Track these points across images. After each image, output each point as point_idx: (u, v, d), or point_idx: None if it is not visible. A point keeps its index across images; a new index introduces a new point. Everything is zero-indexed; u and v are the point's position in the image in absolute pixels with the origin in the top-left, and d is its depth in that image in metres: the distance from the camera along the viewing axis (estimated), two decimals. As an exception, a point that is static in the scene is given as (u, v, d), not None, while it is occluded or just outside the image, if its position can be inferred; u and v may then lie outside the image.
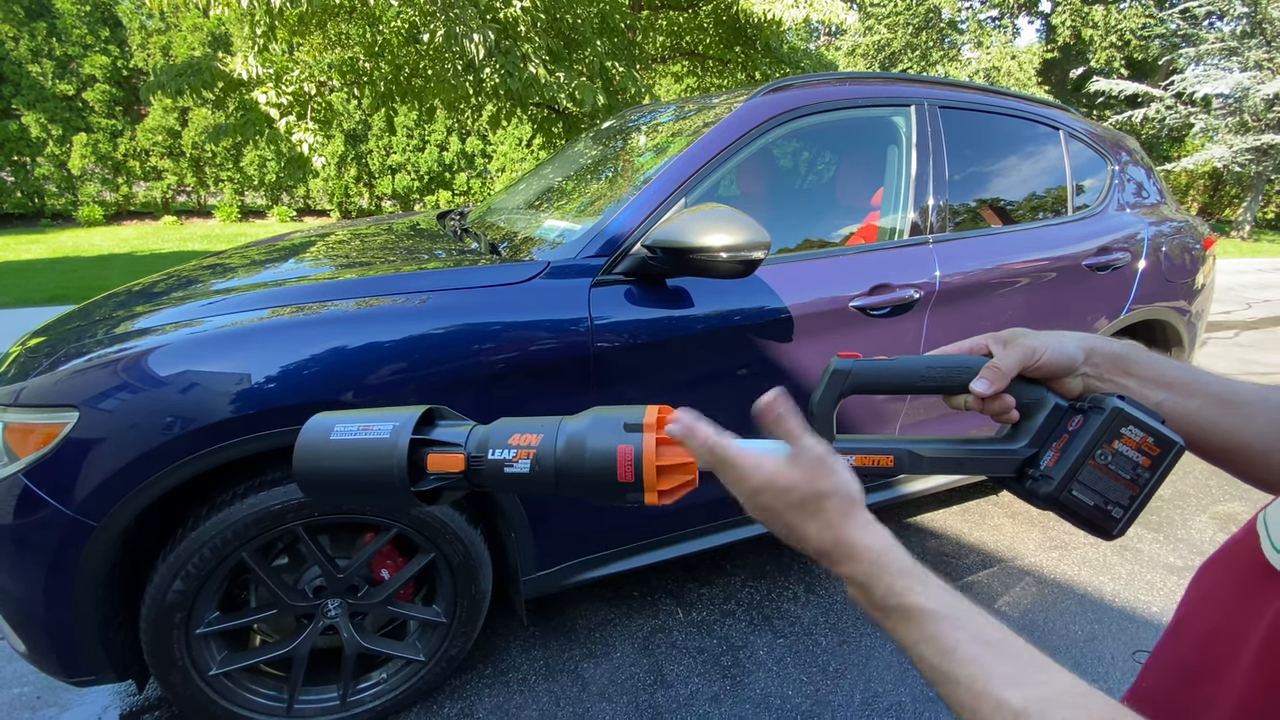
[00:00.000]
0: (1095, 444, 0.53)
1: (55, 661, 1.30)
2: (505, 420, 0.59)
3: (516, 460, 0.55)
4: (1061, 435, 0.56)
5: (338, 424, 0.58)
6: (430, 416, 0.60)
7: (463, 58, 4.42)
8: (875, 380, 0.59)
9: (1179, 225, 2.55)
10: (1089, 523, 0.54)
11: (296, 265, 1.87)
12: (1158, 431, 0.52)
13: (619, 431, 0.55)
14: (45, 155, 10.64)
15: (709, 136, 1.71)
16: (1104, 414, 0.53)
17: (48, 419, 1.19)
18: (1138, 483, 0.53)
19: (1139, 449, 0.52)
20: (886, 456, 0.59)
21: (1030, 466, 0.57)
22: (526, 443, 0.56)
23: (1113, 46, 17.45)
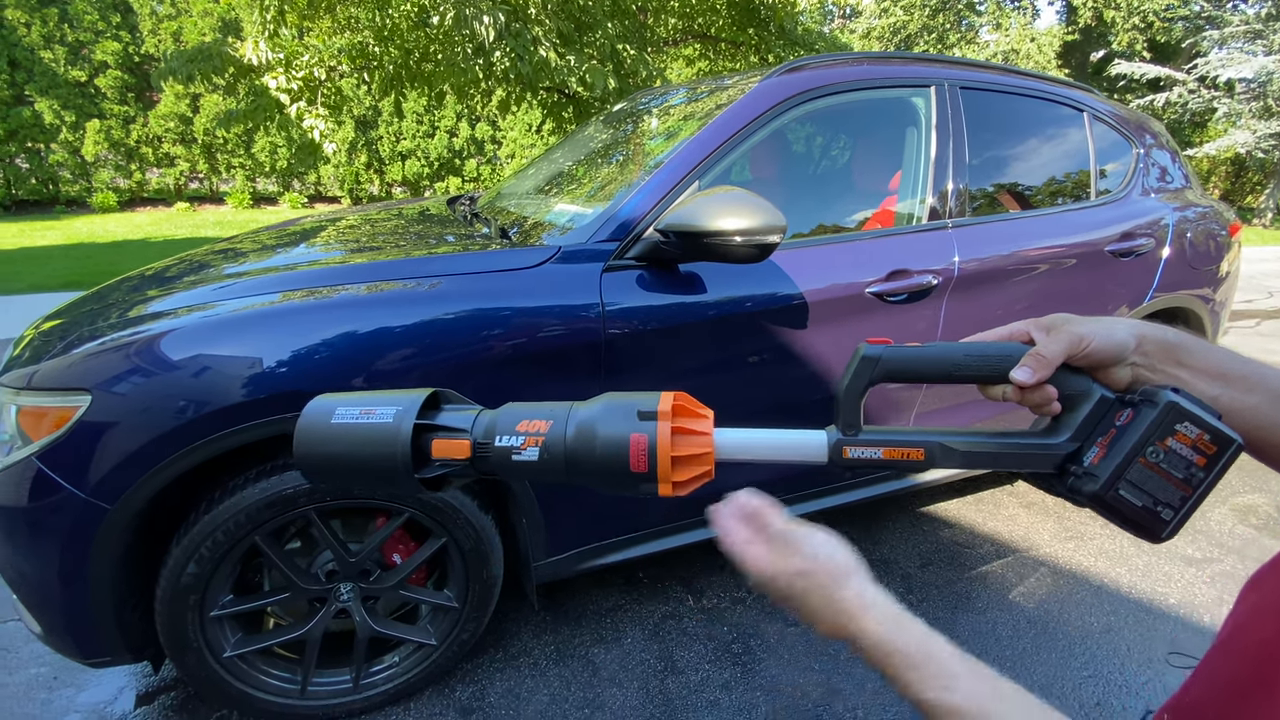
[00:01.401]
0: (1147, 441, 0.49)
1: (71, 643, 1.31)
2: (513, 405, 0.57)
3: (525, 448, 0.53)
4: (1109, 430, 0.52)
5: (339, 407, 0.55)
6: (435, 400, 0.58)
7: (472, 41, 4.37)
8: (906, 368, 0.56)
9: (1204, 211, 2.49)
10: (1135, 524, 0.51)
11: (308, 250, 1.86)
12: (1215, 429, 0.48)
13: (632, 419, 0.53)
14: (59, 142, 10.71)
15: (722, 119, 1.67)
16: (1157, 408, 0.49)
17: (61, 402, 1.19)
18: (1190, 483, 0.49)
19: (1194, 447, 0.48)
20: (917, 450, 0.56)
21: (1073, 463, 0.54)
22: (535, 429, 0.54)
23: (1135, 28, 17.03)
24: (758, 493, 0.53)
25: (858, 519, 2.29)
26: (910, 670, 0.41)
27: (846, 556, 0.47)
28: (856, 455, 0.56)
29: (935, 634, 0.43)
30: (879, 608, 0.44)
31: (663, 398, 0.55)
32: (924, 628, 0.43)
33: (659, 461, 0.52)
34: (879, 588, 0.45)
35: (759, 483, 0.58)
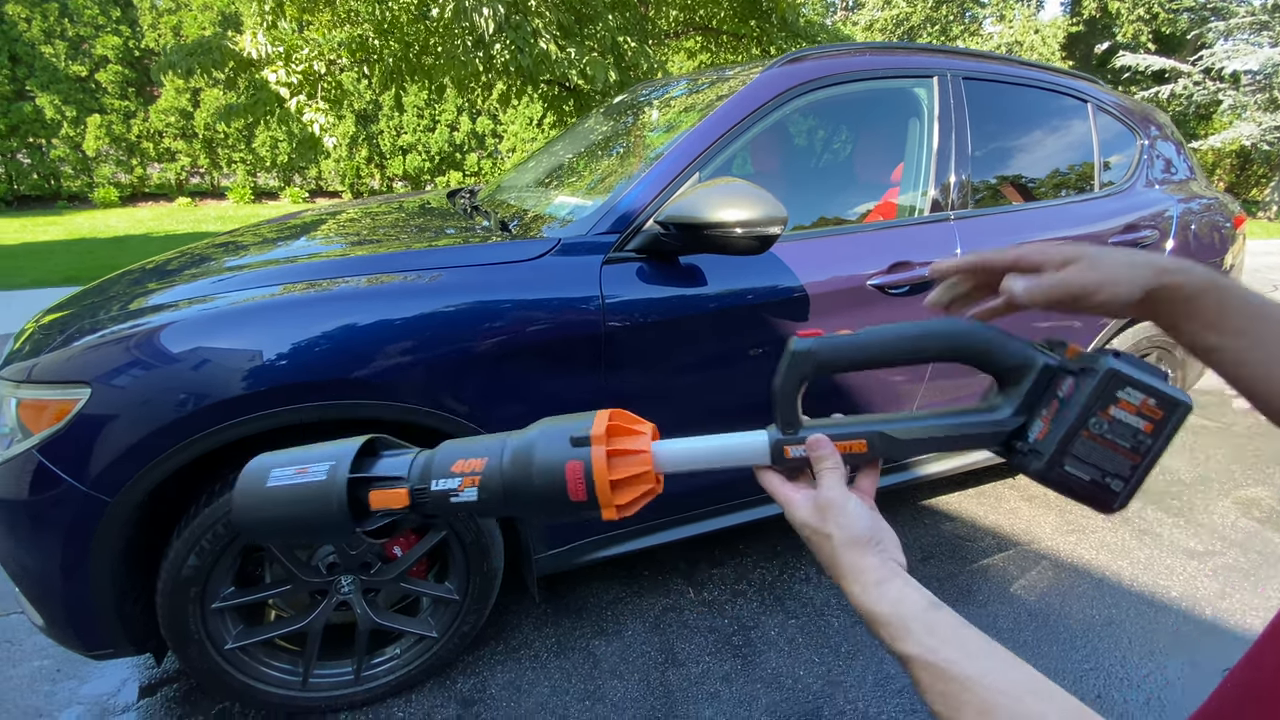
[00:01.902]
0: (1088, 413, 0.48)
1: (73, 635, 1.32)
2: (449, 444, 0.56)
3: (462, 489, 0.52)
4: (1051, 402, 0.51)
5: (274, 469, 0.54)
6: (371, 447, 0.57)
7: (472, 33, 4.35)
8: (841, 358, 0.55)
9: (1209, 203, 2.47)
10: (1084, 497, 0.50)
11: (308, 243, 1.86)
12: (1160, 393, 0.46)
13: (565, 446, 0.52)
14: (60, 137, 10.71)
15: (724, 109, 1.66)
16: (1097, 377, 0.47)
17: (60, 395, 1.19)
18: (1139, 451, 0.47)
19: (1139, 413, 0.47)
20: (859, 442, 0.55)
21: (1018, 439, 0.53)
22: (471, 469, 0.53)
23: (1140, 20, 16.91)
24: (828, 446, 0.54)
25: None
26: (881, 628, 0.45)
27: (864, 529, 0.50)
28: (798, 455, 0.55)
29: (912, 597, 0.46)
30: (865, 574, 0.48)
31: (597, 419, 0.53)
32: (899, 593, 0.46)
33: (598, 487, 0.51)
34: (879, 559, 0.49)
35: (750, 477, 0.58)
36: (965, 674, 0.40)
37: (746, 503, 1.82)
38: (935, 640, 0.42)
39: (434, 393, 1.35)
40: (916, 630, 0.43)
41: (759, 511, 1.84)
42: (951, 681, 0.40)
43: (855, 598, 0.48)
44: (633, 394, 1.54)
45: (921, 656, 0.42)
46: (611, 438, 0.53)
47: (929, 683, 0.41)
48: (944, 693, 0.40)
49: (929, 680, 0.41)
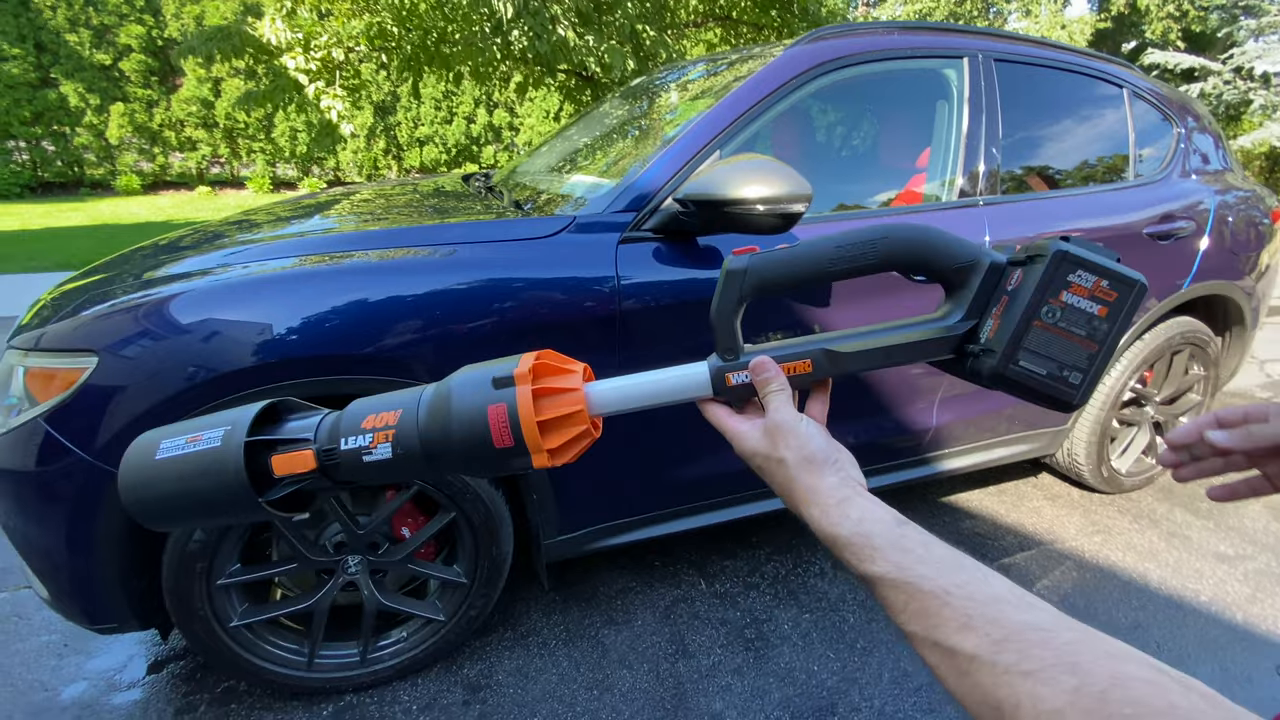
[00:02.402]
0: (1040, 300, 0.45)
1: (79, 609, 1.31)
2: (360, 401, 0.51)
3: (375, 445, 0.47)
4: (1001, 298, 0.48)
5: (163, 440, 0.48)
6: (273, 412, 0.51)
7: (490, 19, 4.32)
8: (779, 274, 0.51)
9: (1246, 196, 2.38)
10: (1044, 396, 0.47)
11: (322, 220, 1.83)
12: (1112, 271, 0.43)
13: (486, 390, 0.47)
14: (84, 125, 10.85)
15: (745, 88, 1.61)
16: (1045, 260, 0.44)
17: (68, 364, 1.17)
18: (1095, 338, 0.45)
19: (1092, 297, 0.44)
20: (803, 362, 0.52)
21: (970, 342, 0.49)
22: (384, 423, 0.48)
23: (1169, 17, 16.53)
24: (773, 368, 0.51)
25: (876, 507, 2.23)
26: (845, 551, 0.43)
27: (818, 449, 0.48)
28: (740, 380, 0.52)
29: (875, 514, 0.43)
30: (825, 498, 0.45)
31: (521, 360, 0.49)
32: (862, 512, 0.43)
33: (524, 431, 0.46)
34: (838, 478, 0.46)
35: None
36: (941, 588, 0.37)
37: (760, 494, 1.78)
38: (905, 557, 0.40)
39: (444, 370, 1.31)
40: (883, 548, 0.40)
41: (773, 503, 1.79)
42: (927, 598, 0.37)
43: (815, 521, 0.45)
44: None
45: (890, 575, 0.39)
46: (538, 377, 0.49)
47: (902, 602, 0.38)
48: (920, 610, 0.37)
49: (902, 600, 0.38)
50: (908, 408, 1.88)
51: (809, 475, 0.47)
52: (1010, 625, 0.34)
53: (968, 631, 0.35)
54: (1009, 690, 0.32)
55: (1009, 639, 0.33)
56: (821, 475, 0.46)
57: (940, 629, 0.36)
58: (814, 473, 0.47)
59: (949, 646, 0.35)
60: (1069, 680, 0.30)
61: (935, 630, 0.36)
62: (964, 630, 0.35)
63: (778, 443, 0.49)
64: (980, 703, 0.33)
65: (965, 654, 0.34)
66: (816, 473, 0.47)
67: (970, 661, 0.34)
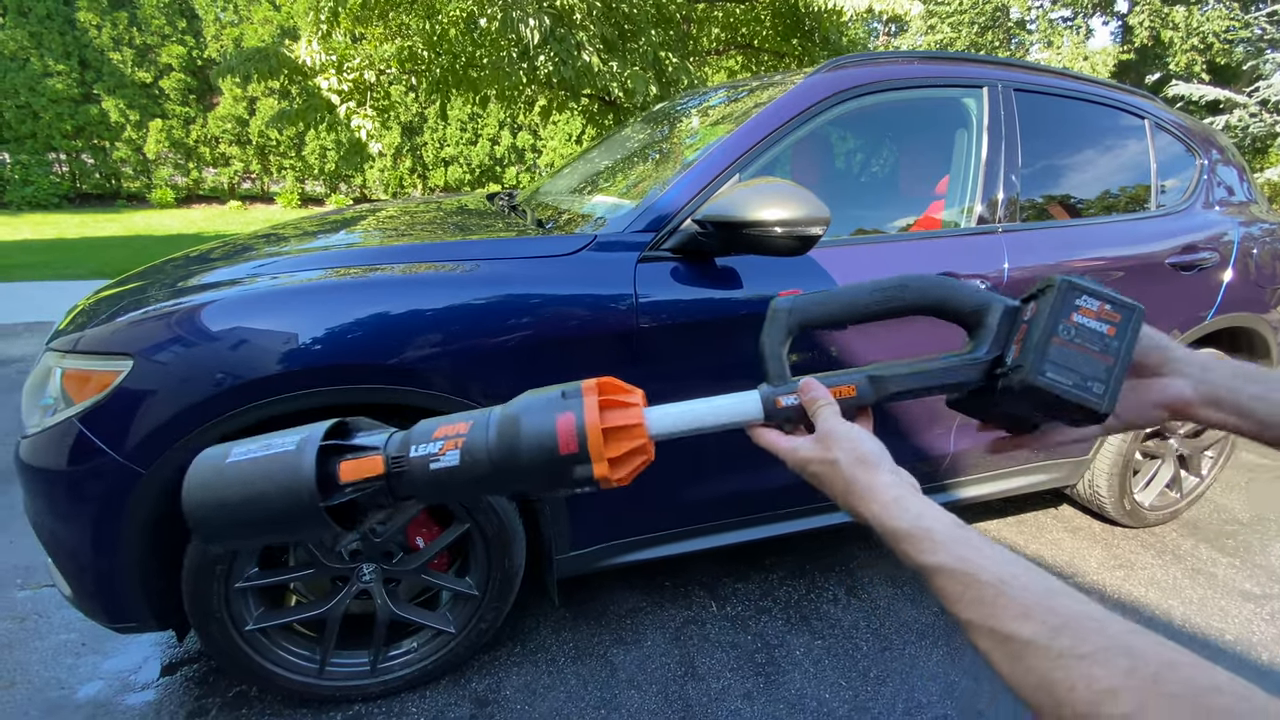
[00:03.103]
0: (1055, 322, 0.51)
1: (99, 607, 1.33)
2: (432, 419, 0.53)
3: (444, 452, 0.49)
4: (1020, 327, 0.55)
5: (234, 447, 0.50)
6: (343, 429, 0.53)
7: (518, 44, 4.44)
8: (819, 314, 0.59)
9: (1271, 228, 2.36)
10: (1076, 407, 0.52)
11: (347, 235, 1.88)
12: (1113, 298, 0.51)
13: (556, 402, 0.51)
14: (123, 139, 11.22)
15: (766, 113, 1.64)
16: (1054, 290, 0.52)
17: (104, 366, 1.21)
18: (1108, 352, 0.51)
19: (1099, 318, 0.51)
20: (848, 387, 0.57)
21: (998, 367, 0.56)
22: (455, 432, 0.50)
23: (1194, 49, 16.49)
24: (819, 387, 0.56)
25: (890, 534, 2.20)
26: (905, 543, 0.45)
27: (871, 449, 0.51)
28: (790, 403, 0.56)
29: (933, 512, 0.45)
30: (884, 493, 0.48)
31: (585, 382, 0.53)
32: (927, 509, 0.46)
33: (589, 437, 0.49)
34: (894, 476, 0.49)
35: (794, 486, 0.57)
36: (998, 578, 0.39)
37: (775, 516, 1.77)
38: (964, 549, 0.42)
39: (462, 383, 1.34)
40: (944, 541, 0.43)
41: (787, 526, 1.78)
42: (985, 587, 0.39)
43: (874, 515, 0.47)
44: (662, 394, 1.51)
45: (950, 565, 0.42)
46: (602, 392, 0.53)
47: (959, 591, 0.41)
48: (977, 598, 0.39)
49: (959, 589, 0.41)
50: (925, 432, 1.87)
51: (865, 473, 0.49)
52: (1066, 613, 0.36)
53: (1025, 619, 0.37)
54: (1064, 672, 0.34)
55: (1065, 626, 0.35)
56: (877, 472, 0.49)
57: (997, 616, 0.38)
58: (869, 470, 0.49)
59: (1006, 633, 0.37)
60: (1123, 662, 0.32)
61: (992, 618, 0.38)
62: (1021, 618, 0.37)
63: (830, 447, 0.51)
64: (1035, 685, 0.35)
65: (1022, 640, 0.36)
66: (872, 470, 0.49)
67: (1026, 646, 0.36)
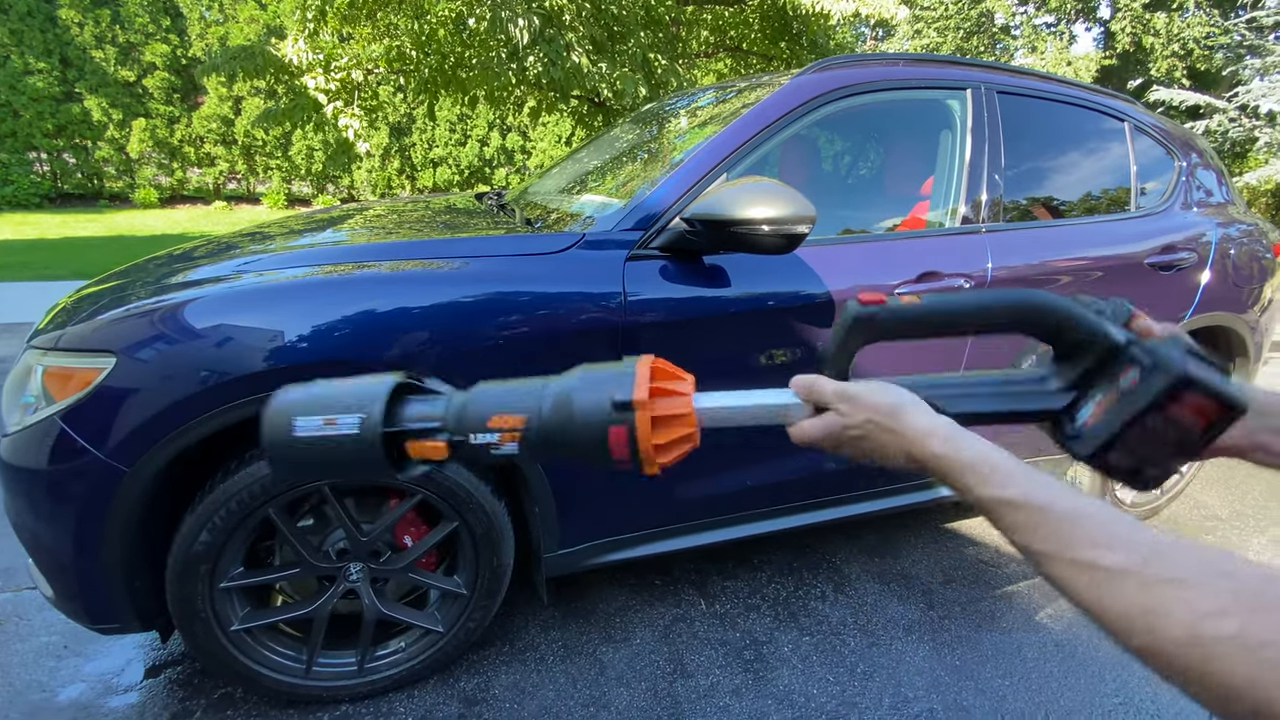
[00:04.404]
0: (1148, 411, 0.46)
1: (81, 608, 1.31)
2: (482, 389, 0.55)
3: (503, 443, 0.53)
4: (1110, 390, 0.49)
5: (299, 417, 0.53)
6: (399, 390, 0.56)
7: (507, 45, 4.44)
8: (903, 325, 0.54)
9: (1248, 229, 2.40)
10: (1118, 478, 0.50)
11: (335, 233, 1.87)
12: (1225, 396, 0.45)
13: (606, 406, 0.51)
14: (105, 139, 11.08)
15: (753, 112, 1.66)
16: (1168, 379, 0.45)
17: (86, 363, 1.20)
18: (1184, 447, 0.46)
19: (1196, 413, 0.45)
20: None
21: (1067, 415, 0.51)
22: (510, 425, 0.53)
23: (1174, 55, 16.76)
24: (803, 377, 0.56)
25: (879, 531, 2.23)
26: (969, 475, 0.45)
27: (898, 394, 0.50)
28: None
29: (995, 447, 0.46)
30: (938, 430, 0.47)
31: (639, 375, 0.53)
32: (982, 441, 0.46)
33: (641, 451, 0.51)
34: (935, 415, 0.49)
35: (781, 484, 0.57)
36: (1075, 510, 0.40)
37: (763, 514, 1.78)
38: (1032, 483, 0.42)
39: (451, 381, 1.33)
40: (1013, 473, 0.43)
41: (776, 524, 1.79)
42: (1062, 519, 0.39)
43: (931, 451, 0.47)
44: (651, 393, 1.51)
45: (1020, 498, 0.42)
46: (654, 399, 0.52)
47: (1033, 524, 0.41)
48: (1054, 531, 0.40)
49: (1032, 521, 0.41)
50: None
51: (907, 416, 0.49)
52: (1152, 542, 0.36)
53: (1109, 549, 0.37)
54: (1158, 598, 0.34)
55: (1155, 553, 0.36)
56: (919, 413, 0.49)
57: (1077, 546, 0.38)
58: (909, 413, 0.49)
59: (1087, 561, 0.37)
60: (1224, 584, 0.33)
61: (1071, 548, 0.38)
62: (1103, 547, 0.37)
63: (856, 406, 0.51)
64: (1122, 613, 0.35)
65: (1107, 568, 0.36)
66: (911, 412, 0.49)
67: (1113, 574, 0.36)
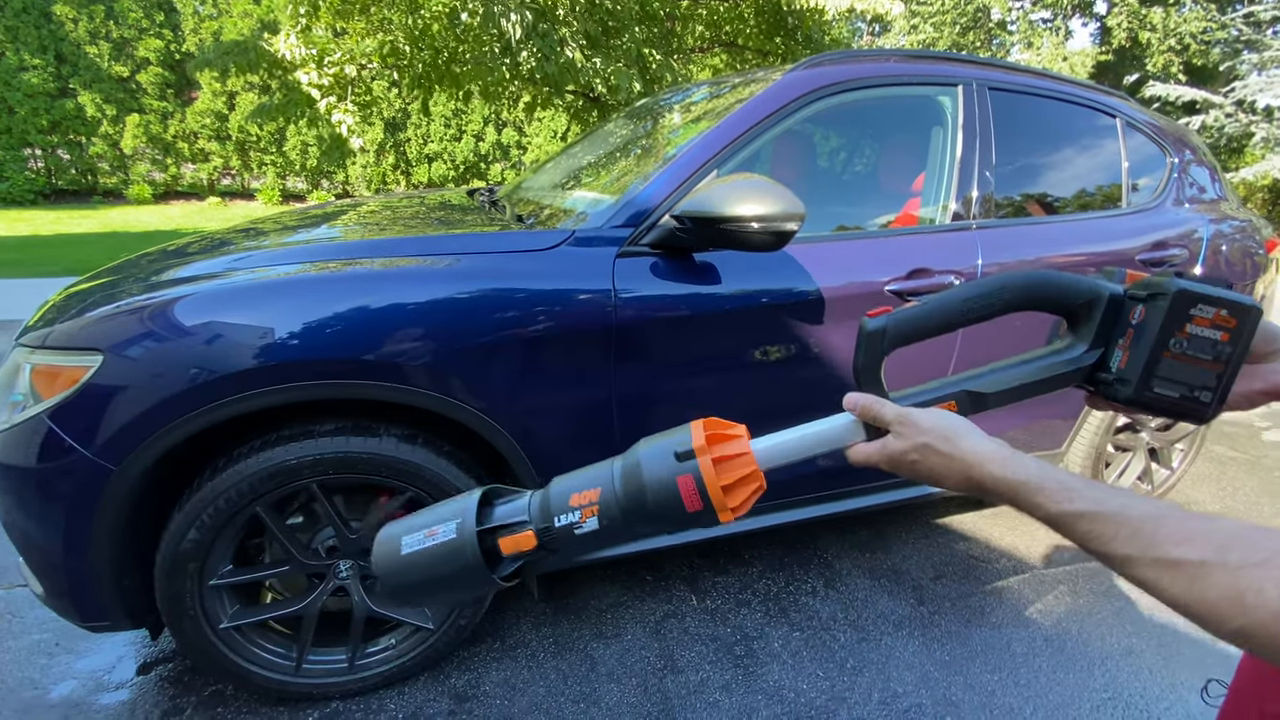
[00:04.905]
0: (1167, 334, 0.49)
1: (71, 605, 1.31)
2: (559, 481, 0.59)
3: (584, 520, 0.55)
4: (1126, 330, 0.52)
5: (404, 536, 0.57)
6: (487, 498, 0.60)
7: (500, 40, 4.42)
8: (914, 329, 0.57)
9: (1241, 225, 2.41)
10: (1177, 413, 0.52)
11: (328, 229, 1.87)
12: (1230, 301, 0.47)
13: (671, 462, 0.54)
14: (99, 134, 11.02)
15: (744, 109, 1.66)
16: (1167, 299, 0.49)
17: (73, 361, 1.20)
18: (1220, 359, 0.49)
19: (1214, 325, 0.48)
20: (949, 403, 0.57)
21: (1100, 370, 0.54)
22: (588, 500, 0.55)
23: (1171, 50, 16.75)
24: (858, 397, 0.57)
25: (870, 526, 2.24)
26: (1037, 494, 0.46)
27: (953, 421, 0.52)
28: None
29: (1049, 464, 0.47)
30: (995, 454, 0.49)
31: (694, 432, 0.55)
32: (1038, 461, 0.48)
33: (711, 495, 0.53)
34: (991, 439, 0.50)
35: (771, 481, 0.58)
36: (1148, 513, 0.41)
37: (756, 509, 1.77)
38: (1101, 493, 0.44)
39: (441, 378, 1.34)
40: (1079, 488, 0.45)
41: (766, 520, 1.80)
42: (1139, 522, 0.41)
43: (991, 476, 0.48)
44: (642, 391, 1.52)
45: (1094, 509, 0.43)
46: (712, 445, 0.54)
47: (1111, 531, 0.42)
48: (1134, 534, 0.41)
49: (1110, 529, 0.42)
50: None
51: (965, 442, 0.50)
52: (1227, 531, 0.38)
53: (1189, 543, 0.39)
54: (1248, 580, 0.35)
55: (1230, 541, 0.37)
56: (976, 438, 0.50)
57: (1160, 546, 0.40)
58: (967, 438, 0.50)
59: (1174, 559, 0.39)
60: None
61: (1155, 548, 0.40)
62: (1185, 543, 0.39)
63: (913, 431, 0.52)
64: (1216, 600, 0.36)
65: (1193, 562, 0.38)
66: (969, 438, 0.50)
67: (1200, 567, 0.37)
